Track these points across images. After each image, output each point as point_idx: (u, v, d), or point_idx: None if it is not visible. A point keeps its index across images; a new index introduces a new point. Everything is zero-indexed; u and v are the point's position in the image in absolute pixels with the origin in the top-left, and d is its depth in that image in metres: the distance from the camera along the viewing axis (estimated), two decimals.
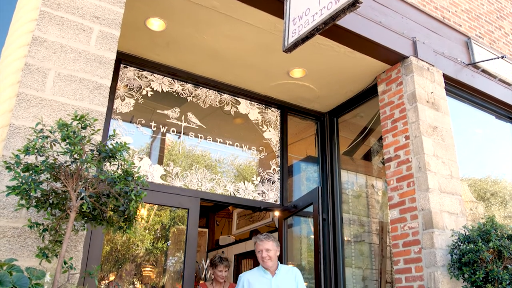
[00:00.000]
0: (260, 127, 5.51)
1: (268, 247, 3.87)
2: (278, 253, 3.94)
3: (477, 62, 5.58)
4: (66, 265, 2.44)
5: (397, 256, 4.41)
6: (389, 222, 4.84)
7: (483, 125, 6.35)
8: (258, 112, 5.55)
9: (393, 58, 4.90)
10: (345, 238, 5.60)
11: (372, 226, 6.00)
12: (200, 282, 4.49)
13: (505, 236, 3.81)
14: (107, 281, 9.44)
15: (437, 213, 4.23)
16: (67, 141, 2.18)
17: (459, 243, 3.96)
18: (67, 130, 2.18)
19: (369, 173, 6.30)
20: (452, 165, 4.64)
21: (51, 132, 2.29)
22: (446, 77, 5.16)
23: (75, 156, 2.21)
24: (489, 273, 3.68)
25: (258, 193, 5.13)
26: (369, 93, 5.45)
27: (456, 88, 5.40)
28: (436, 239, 4.10)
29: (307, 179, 5.93)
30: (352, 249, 5.63)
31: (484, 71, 5.66)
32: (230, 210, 9.01)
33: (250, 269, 7.82)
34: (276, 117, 5.70)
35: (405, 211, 4.45)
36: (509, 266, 3.77)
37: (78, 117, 2.33)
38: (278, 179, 5.36)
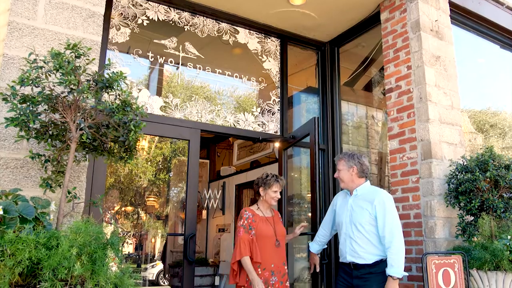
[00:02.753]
0: (260, 57, 5.40)
1: (339, 167, 3.56)
2: (354, 171, 3.52)
3: None
4: (70, 194, 2.49)
5: (395, 186, 4.49)
6: (388, 152, 4.88)
7: (486, 55, 6.22)
8: (258, 42, 5.42)
9: None
10: None
11: (371, 156, 6.07)
12: (244, 208, 3.88)
13: (503, 166, 3.86)
14: (111, 211, 9.74)
15: (436, 144, 4.25)
16: (60, 71, 2.14)
17: (457, 173, 4.02)
18: (60, 60, 2.13)
19: (370, 104, 6.26)
20: (454, 96, 4.60)
21: (44, 62, 2.24)
22: (452, 4, 4.97)
23: (71, 86, 2.18)
24: (485, 201, 3.77)
25: (258, 124, 5.14)
26: (372, 21, 5.28)
27: (461, 16, 5.23)
28: (434, 169, 4.16)
29: (307, 110, 5.91)
30: None
31: None
32: (231, 142, 9.09)
33: (250, 199, 8.06)
34: (276, 46, 5.57)
35: (405, 142, 4.47)
36: (505, 195, 3.85)
37: (71, 46, 2.27)
38: (278, 110, 5.33)
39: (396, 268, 3.20)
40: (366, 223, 3.37)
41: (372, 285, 3.30)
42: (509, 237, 3.51)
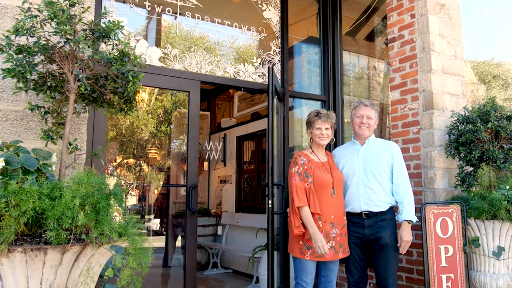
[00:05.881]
0: (260, 6, 5.25)
1: (371, 115, 3.58)
2: (375, 126, 3.65)
3: None
4: (71, 146, 2.49)
5: (396, 137, 4.49)
6: (389, 103, 4.86)
7: (493, 3, 6.05)
8: None
9: None
10: (345, 120, 5.67)
11: None
12: (296, 152, 3.53)
13: (504, 116, 3.84)
14: (114, 163, 9.82)
15: (438, 94, 4.22)
16: (55, 20, 2.08)
17: (458, 124, 4.02)
18: (54, 8, 2.07)
19: (372, 54, 6.17)
20: (457, 45, 4.51)
21: (39, 11, 2.18)
22: None
23: (67, 36, 2.13)
24: (485, 152, 3.78)
25: (259, 75, 5.07)
26: None
27: None
28: (435, 120, 4.15)
29: (308, 61, 5.82)
30: (352, 130, 5.73)
31: None
32: (231, 93, 9.03)
33: (251, 150, 8.11)
34: None
35: (406, 93, 4.44)
36: (505, 146, 3.87)
37: None
38: (279, 60, 5.25)
39: (412, 213, 3.40)
40: (383, 172, 3.48)
41: (385, 231, 3.42)
42: (507, 187, 3.55)
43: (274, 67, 5.20)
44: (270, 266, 4.05)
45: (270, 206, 4.07)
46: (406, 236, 3.37)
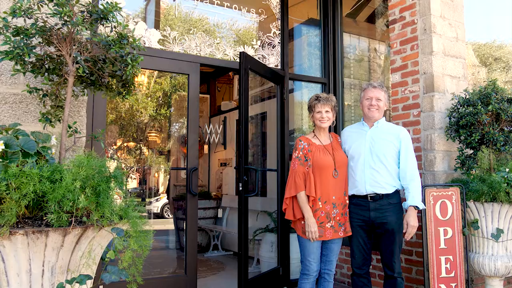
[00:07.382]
0: None
1: (380, 97, 3.51)
2: (385, 108, 3.57)
3: None
4: (71, 129, 2.49)
5: (396, 120, 4.48)
6: (390, 86, 4.83)
7: None
8: None
9: None
10: (345, 103, 5.66)
11: None
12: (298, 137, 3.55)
13: (505, 99, 3.83)
14: (114, 146, 9.83)
15: (439, 77, 4.20)
16: (54, 1, 2.05)
17: (459, 106, 4.00)
18: None
19: (372, 36, 6.11)
20: (459, 27, 4.47)
21: None
22: None
23: (65, 18, 2.10)
24: (485, 135, 3.77)
25: (259, 58, 5.04)
26: None
27: None
28: (436, 103, 4.13)
29: (308, 44, 5.78)
30: (352, 113, 5.72)
31: None
32: (231, 76, 8.98)
33: (252, 133, 8.09)
34: None
35: (407, 75, 4.41)
36: (505, 129, 3.86)
37: None
38: (279, 43, 5.21)
39: (418, 199, 3.35)
40: (388, 155, 3.44)
41: (391, 216, 3.39)
42: (507, 170, 3.55)
43: (274, 49, 5.16)
44: (243, 249, 4.09)
45: (240, 188, 4.11)
46: (412, 221, 3.31)
